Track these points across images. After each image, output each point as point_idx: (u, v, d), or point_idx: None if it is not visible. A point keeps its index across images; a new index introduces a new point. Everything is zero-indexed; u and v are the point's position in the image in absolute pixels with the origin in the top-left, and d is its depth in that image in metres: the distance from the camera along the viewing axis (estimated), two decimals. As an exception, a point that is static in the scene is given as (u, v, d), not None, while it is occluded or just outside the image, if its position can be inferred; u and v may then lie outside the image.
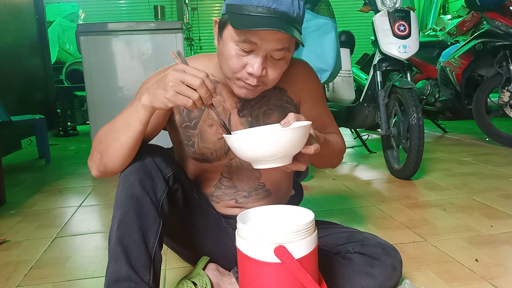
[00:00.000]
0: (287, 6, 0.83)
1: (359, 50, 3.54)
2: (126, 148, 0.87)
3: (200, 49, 6.86)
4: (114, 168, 0.90)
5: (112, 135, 0.88)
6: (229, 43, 0.88)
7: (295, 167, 0.87)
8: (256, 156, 0.81)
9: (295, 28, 0.86)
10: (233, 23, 0.84)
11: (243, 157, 0.83)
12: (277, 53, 0.87)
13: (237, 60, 0.88)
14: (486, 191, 1.97)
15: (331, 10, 2.06)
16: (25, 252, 1.50)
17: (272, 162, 0.81)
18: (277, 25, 0.82)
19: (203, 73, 0.78)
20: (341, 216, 1.73)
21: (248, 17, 0.83)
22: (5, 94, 3.43)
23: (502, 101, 2.84)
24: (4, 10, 3.77)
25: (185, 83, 0.77)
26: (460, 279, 1.15)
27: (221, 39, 0.91)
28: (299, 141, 0.80)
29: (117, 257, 0.84)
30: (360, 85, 3.07)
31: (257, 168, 0.84)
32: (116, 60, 2.86)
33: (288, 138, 0.78)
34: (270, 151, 0.78)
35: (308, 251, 0.79)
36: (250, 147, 0.79)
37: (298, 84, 1.08)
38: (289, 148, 0.79)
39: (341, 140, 1.13)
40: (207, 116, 1.03)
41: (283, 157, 0.81)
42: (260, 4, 0.82)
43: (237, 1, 0.85)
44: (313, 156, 0.90)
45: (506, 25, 2.79)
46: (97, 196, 2.24)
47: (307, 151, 0.83)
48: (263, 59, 0.87)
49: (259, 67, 0.87)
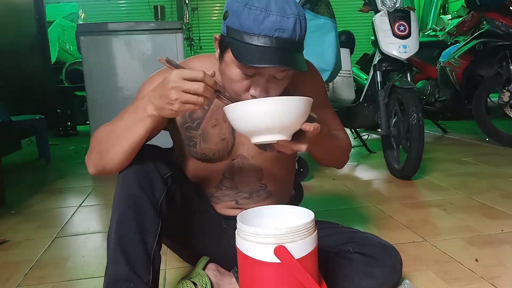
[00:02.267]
0: (289, 32, 0.80)
1: (359, 50, 3.54)
2: (128, 152, 0.87)
3: (200, 49, 6.85)
4: (113, 169, 0.90)
5: (114, 139, 0.87)
6: (232, 66, 0.86)
7: (295, 146, 0.84)
8: (254, 127, 0.78)
9: (298, 52, 0.85)
10: (235, 54, 0.82)
11: (241, 128, 0.81)
12: (280, 74, 0.86)
13: (240, 83, 0.87)
14: (486, 191, 1.97)
15: (331, 10, 2.06)
16: (25, 252, 1.50)
17: (270, 134, 0.79)
18: (278, 60, 0.79)
19: (201, 73, 0.76)
20: (341, 216, 1.73)
21: (250, 49, 0.80)
22: (5, 94, 3.43)
23: (502, 101, 2.84)
24: (4, 10, 3.77)
25: (188, 92, 0.75)
26: (460, 279, 1.15)
27: (223, 60, 0.89)
28: (298, 114, 0.78)
29: (116, 258, 0.84)
30: (360, 85, 3.07)
31: (254, 142, 0.81)
32: (116, 60, 2.86)
33: (287, 107, 0.76)
34: (269, 120, 0.76)
35: (308, 251, 0.79)
36: (248, 116, 0.77)
37: (302, 84, 1.08)
38: (288, 119, 0.77)
39: (346, 137, 1.12)
40: (211, 116, 1.03)
41: (281, 130, 0.79)
42: (262, 33, 0.79)
43: (238, 26, 0.81)
44: (315, 143, 0.88)
45: (506, 25, 2.78)
46: (97, 196, 2.24)
47: (306, 128, 0.81)
48: (266, 81, 0.86)
49: (262, 91, 0.86)
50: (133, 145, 0.86)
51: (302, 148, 0.85)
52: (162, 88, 0.77)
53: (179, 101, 0.76)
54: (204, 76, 0.76)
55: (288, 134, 0.81)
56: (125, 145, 0.86)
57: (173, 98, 0.75)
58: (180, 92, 0.75)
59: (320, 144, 0.93)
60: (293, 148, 0.85)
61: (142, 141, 0.87)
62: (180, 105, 0.76)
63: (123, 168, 0.90)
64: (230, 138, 1.03)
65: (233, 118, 0.81)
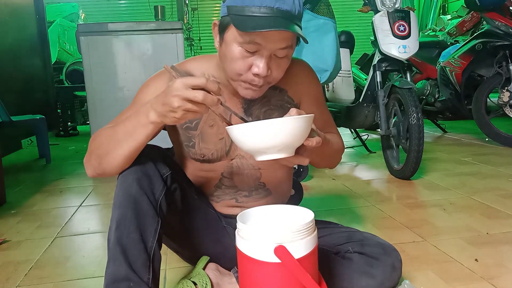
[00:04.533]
0: (289, 5, 0.84)
1: (359, 50, 3.54)
2: (128, 157, 0.87)
3: (200, 49, 6.85)
4: (112, 172, 0.90)
5: (114, 143, 0.87)
6: (233, 44, 0.88)
7: (297, 160, 0.87)
8: (258, 147, 0.80)
9: (297, 25, 0.87)
10: (238, 25, 0.84)
11: (245, 148, 0.82)
12: (281, 51, 0.88)
13: (242, 61, 0.88)
14: (485, 191, 1.97)
15: (331, 10, 2.06)
16: (25, 252, 1.50)
17: (274, 153, 0.80)
18: (282, 25, 0.82)
19: (203, 80, 0.75)
20: (341, 216, 1.73)
21: (252, 19, 0.83)
22: (5, 94, 3.43)
23: (502, 101, 2.84)
24: (4, 10, 3.77)
25: (190, 100, 0.75)
26: (460, 279, 1.16)
27: (223, 42, 0.91)
28: (301, 131, 0.79)
29: (116, 257, 0.84)
30: (360, 85, 3.08)
31: (259, 160, 0.83)
32: (116, 60, 2.86)
33: (290, 127, 0.77)
34: (273, 141, 0.78)
35: (308, 251, 0.79)
36: (252, 137, 0.79)
37: (299, 84, 1.09)
38: (292, 138, 0.79)
39: (340, 140, 1.13)
40: (208, 116, 1.03)
41: (285, 148, 0.80)
42: (263, 4, 0.83)
43: (239, 3, 0.84)
44: (314, 153, 0.90)
45: (506, 25, 2.79)
46: (97, 196, 2.24)
47: (309, 144, 0.83)
48: (268, 58, 0.88)
49: (265, 67, 0.87)
50: (134, 149, 0.86)
51: (304, 162, 0.88)
52: (165, 96, 0.77)
53: (181, 109, 0.76)
54: (207, 82, 0.75)
55: (291, 151, 0.83)
56: (126, 150, 0.86)
57: (175, 106, 0.75)
58: (183, 100, 0.75)
59: (319, 152, 0.95)
60: (295, 163, 0.87)
61: (143, 146, 0.87)
62: (182, 113, 0.77)
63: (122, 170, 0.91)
64: (227, 138, 1.04)
65: (237, 139, 0.82)
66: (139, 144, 0.86)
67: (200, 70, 1.03)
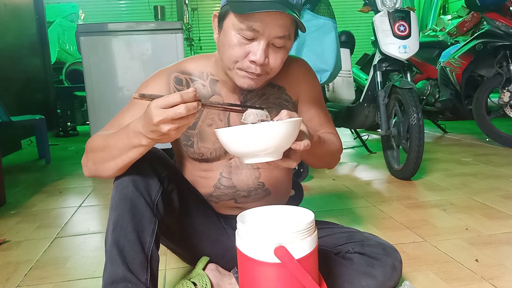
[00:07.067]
0: None
1: (359, 50, 3.54)
2: (123, 168, 0.88)
3: (200, 49, 6.85)
4: (108, 177, 0.91)
5: (108, 156, 0.86)
6: (231, 32, 0.88)
7: (285, 163, 0.86)
8: (245, 150, 0.80)
9: (297, 15, 0.87)
10: (235, 9, 0.85)
11: (232, 151, 0.83)
12: (278, 41, 0.88)
13: (239, 48, 0.88)
14: (486, 191, 1.97)
15: (331, 10, 2.06)
16: (25, 252, 1.50)
17: (261, 156, 0.80)
18: (279, 8, 0.82)
19: (177, 97, 0.73)
20: (341, 216, 1.73)
21: (250, 3, 0.83)
22: (5, 94, 3.43)
23: (502, 101, 2.84)
24: (4, 10, 3.77)
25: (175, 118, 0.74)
26: (460, 279, 1.15)
27: (222, 30, 0.91)
28: (288, 135, 0.79)
29: (113, 259, 0.84)
30: (360, 85, 3.07)
31: (247, 163, 0.83)
32: (116, 60, 2.86)
33: (277, 132, 0.77)
34: (259, 145, 0.78)
35: (308, 251, 0.79)
36: (239, 141, 0.79)
37: (297, 82, 1.08)
38: (278, 142, 0.79)
39: (337, 140, 1.12)
40: (206, 115, 1.03)
41: (272, 152, 0.80)
42: None
43: None
44: (306, 154, 0.89)
45: (506, 25, 2.79)
46: (97, 196, 2.24)
47: (296, 147, 0.82)
48: (266, 46, 0.87)
49: (262, 54, 0.87)
50: (128, 163, 0.86)
51: (292, 165, 0.87)
52: (149, 124, 0.75)
53: (172, 130, 0.75)
54: (181, 97, 0.73)
55: (279, 155, 0.82)
56: (119, 164, 0.86)
57: (165, 130, 0.74)
58: (169, 124, 0.74)
59: (312, 153, 0.94)
60: (283, 166, 0.86)
61: (138, 158, 0.86)
62: (175, 132, 0.76)
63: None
64: None
65: (224, 141, 0.82)
66: (133, 159, 0.85)
67: (198, 69, 1.03)
